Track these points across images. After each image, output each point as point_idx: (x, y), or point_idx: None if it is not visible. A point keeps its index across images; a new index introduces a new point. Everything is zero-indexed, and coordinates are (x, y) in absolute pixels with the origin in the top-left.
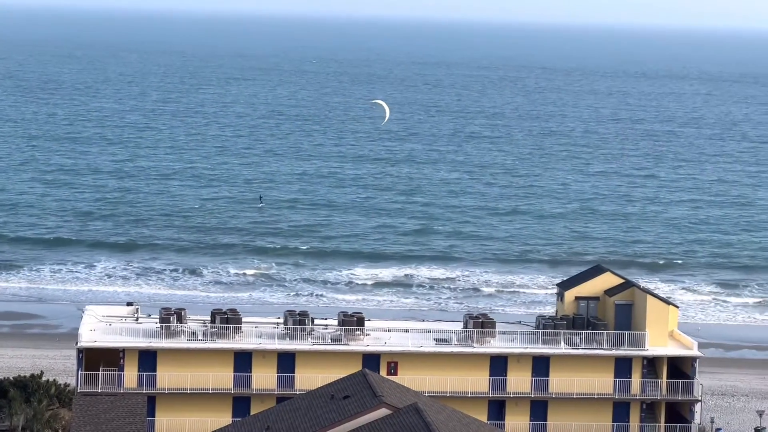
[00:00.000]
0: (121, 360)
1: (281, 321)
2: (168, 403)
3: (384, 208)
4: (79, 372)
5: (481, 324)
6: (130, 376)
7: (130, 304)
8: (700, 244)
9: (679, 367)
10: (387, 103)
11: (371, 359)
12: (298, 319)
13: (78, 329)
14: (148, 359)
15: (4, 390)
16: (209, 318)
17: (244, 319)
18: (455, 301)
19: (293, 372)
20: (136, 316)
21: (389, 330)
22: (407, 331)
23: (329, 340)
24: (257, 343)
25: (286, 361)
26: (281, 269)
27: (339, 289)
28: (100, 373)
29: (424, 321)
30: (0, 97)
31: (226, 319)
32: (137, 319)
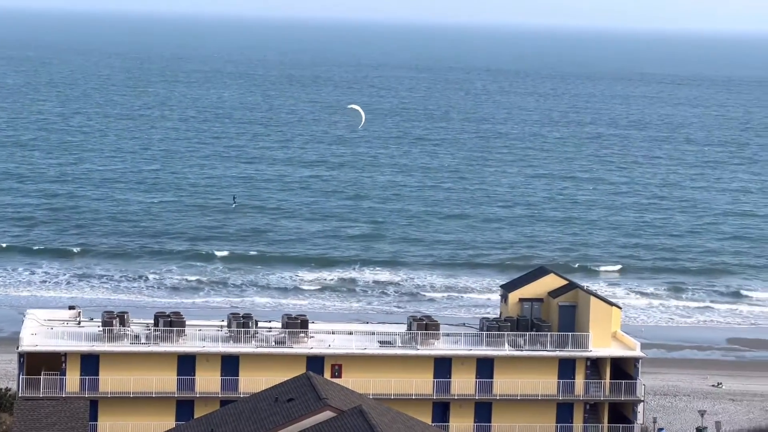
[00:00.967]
0: (63, 364)
1: (225, 324)
2: (111, 406)
3: (330, 212)
4: (21, 376)
5: (425, 326)
6: (72, 380)
7: (72, 308)
8: (645, 247)
9: (623, 368)
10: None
11: (315, 362)
12: (242, 322)
13: (19, 333)
14: (90, 363)
15: None
16: (152, 321)
17: (187, 323)
18: (400, 304)
19: (237, 375)
20: (78, 319)
21: (333, 332)
22: (351, 333)
23: (273, 343)
24: (201, 346)
25: (230, 364)
26: (226, 273)
27: (285, 293)
28: (42, 377)
29: (368, 323)
30: None
31: (170, 322)
32: (79, 322)
